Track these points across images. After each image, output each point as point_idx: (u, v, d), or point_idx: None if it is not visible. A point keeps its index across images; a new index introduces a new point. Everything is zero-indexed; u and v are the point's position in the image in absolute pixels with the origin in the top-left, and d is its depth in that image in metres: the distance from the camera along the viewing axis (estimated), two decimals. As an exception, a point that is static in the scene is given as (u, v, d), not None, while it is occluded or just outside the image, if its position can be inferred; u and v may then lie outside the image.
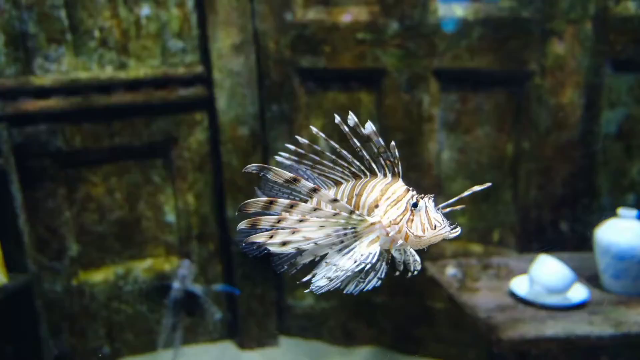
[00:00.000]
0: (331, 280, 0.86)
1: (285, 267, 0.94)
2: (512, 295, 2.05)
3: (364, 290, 0.91)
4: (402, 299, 2.86)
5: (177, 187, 2.91)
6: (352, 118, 0.89)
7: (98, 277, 2.85)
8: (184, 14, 2.69)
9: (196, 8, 2.71)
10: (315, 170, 0.97)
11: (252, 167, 0.82)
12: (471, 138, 2.69)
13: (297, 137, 0.97)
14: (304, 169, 0.98)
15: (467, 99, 2.67)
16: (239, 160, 2.86)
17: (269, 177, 0.82)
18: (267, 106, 2.84)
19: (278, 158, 0.95)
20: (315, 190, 0.83)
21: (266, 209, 0.82)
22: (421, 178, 2.71)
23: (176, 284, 2.85)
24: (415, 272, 0.97)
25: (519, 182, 2.66)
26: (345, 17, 2.66)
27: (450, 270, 2.26)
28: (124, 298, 2.90)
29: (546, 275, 1.96)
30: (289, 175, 0.82)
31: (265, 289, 3.03)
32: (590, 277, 2.14)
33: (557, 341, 1.79)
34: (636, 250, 1.98)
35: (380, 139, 0.88)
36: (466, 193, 0.91)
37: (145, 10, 2.61)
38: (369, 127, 0.87)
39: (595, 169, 2.61)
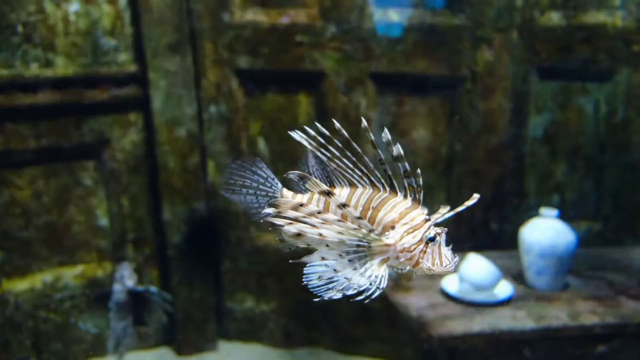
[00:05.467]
0: (345, 293, 0.90)
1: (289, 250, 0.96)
2: (443, 293, 2.11)
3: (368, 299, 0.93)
4: (341, 300, 2.88)
5: (111, 190, 2.80)
6: (386, 134, 0.88)
7: (23, 285, 2.70)
8: (116, 11, 2.60)
9: (129, 5, 2.62)
10: (332, 165, 0.95)
11: (294, 174, 0.89)
12: (407, 140, 2.75)
13: (334, 120, 0.95)
14: (318, 164, 1.01)
15: (403, 102, 2.73)
16: (176, 162, 2.79)
17: (306, 185, 0.88)
18: (204, 107, 2.79)
19: (295, 135, 0.92)
20: (344, 206, 0.87)
21: (295, 210, 0.87)
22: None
23: (117, 286, 2.72)
24: (403, 271, 1.01)
25: (452, 183, 2.74)
26: (284, 19, 2.66)
27: (385, 270, 2.30)
28: (53, 306, 2.76)
29: (474, 273, 2.03)
30: (324, 187, 0.87)
31: (203, 293, 2.97)
32: (516, 275, 2.24)
33: (484, 336, 1.86)
34: (557, 248, 2.09)
35: (406, 163, 0.88)
36: (461, 208, 0.95)
37: (74, 6, 2.50)
38: (398, 150, 0.87)
39: (523, 171, 2.74)
